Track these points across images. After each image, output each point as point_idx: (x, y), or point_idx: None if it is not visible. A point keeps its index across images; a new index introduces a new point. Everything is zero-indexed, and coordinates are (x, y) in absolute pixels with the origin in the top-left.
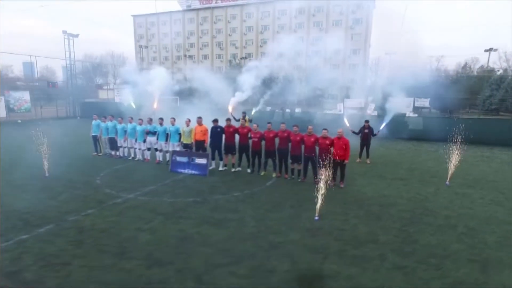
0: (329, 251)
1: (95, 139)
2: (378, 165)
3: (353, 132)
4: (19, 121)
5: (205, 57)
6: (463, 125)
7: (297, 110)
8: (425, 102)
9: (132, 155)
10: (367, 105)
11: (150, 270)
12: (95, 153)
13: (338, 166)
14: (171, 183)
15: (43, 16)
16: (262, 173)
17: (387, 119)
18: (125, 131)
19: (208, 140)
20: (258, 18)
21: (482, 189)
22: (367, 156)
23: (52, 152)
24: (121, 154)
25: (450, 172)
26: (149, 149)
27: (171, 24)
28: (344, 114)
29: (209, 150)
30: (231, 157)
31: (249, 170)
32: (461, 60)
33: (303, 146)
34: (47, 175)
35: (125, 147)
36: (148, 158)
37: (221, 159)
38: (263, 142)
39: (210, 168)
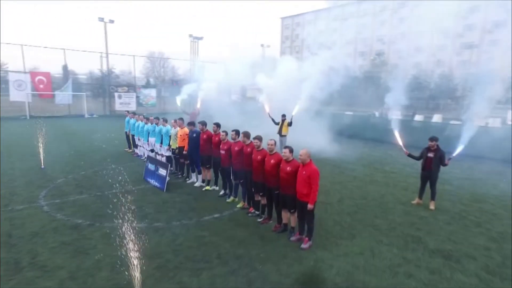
0: None
1: (127, 135)
2: (443, 215)
3: (410, 156)
4: (144, 114)
5: (348, 55)
6: None
7: (418, 117)
8: None
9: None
10: None
11: None
12: (127, 149)
13: (303, 211)
14: (110, 194)
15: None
16: (230, 200)
17: (467, 135)
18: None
19: (187, 147)
20: (414, 6)
21: None
22: (432, 197)
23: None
24: (139, 153)
25: None
26: (152, 150)
27: (315, 23)
28: (395, 127)
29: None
30: (208, 171)
31: (221, 192)
32: None
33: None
34: (42, 167)
35: (140, 146)
36: None
37: (199, 172)
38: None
39: (189, 181)
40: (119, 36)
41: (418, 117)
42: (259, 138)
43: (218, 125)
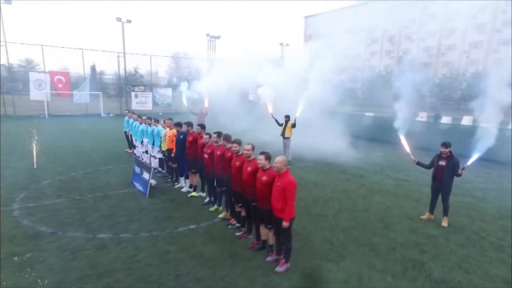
0: None
1: (126, 135)
2: (457, 234)
3: (419, 165)
4: (160, 113)
5: (373, 54)
6: None
7: (446, 119)
8: None
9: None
10: None
11: None
12: (127, 149)
13: (279, 228)
14: (89, 199)
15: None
16: (213, 209)
17: (485, 144)
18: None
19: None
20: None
21: None
22: (444, 213)
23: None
24: (137, 154)
25: None
26: (146, 151)
27: (339, 21)
28: (400, 131)
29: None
30: (194, 176)
31: (206, 200)
32: None
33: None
34: (35, 167)
35: (137, 147)
36: (147, 162)
37: (187, 176)
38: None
39: (177, 186)
40: (137, 36)
41: (445, 119)
42: (237, 142)
43: (202, 127)
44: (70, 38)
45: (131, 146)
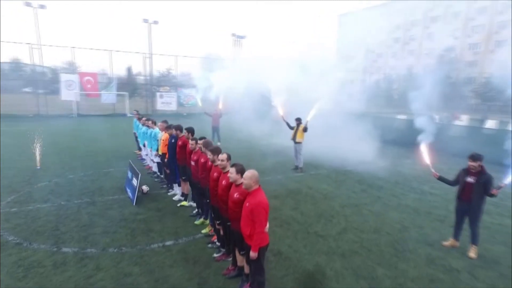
0: None
1: (135, 136)
2: (488, 270)
3: (441, 180)
4: (185, 114)
5: (411, 52)
6: None
7: (491, 123)
8: None
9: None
10: None
11: None
12: (136, 151)
13: (249, 257)
14: (74, 205)
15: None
16: (199, 222)
17: None
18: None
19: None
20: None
21: None
22: (472, 241)
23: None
24: (143, 156)
25: None
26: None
27: (375, 19)
28: (422, 138)
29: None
30: (185, 184)
31: (194, 211)
32: None
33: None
34: (38, 167)
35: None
36: (149, 165)
37: (179, 184)
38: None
39: (170, 193)
40: (169, 37)
41: (490, 123)
42: (212, 150)
43: (190, 131)
44: (102, 40)
45: (140, 147)
